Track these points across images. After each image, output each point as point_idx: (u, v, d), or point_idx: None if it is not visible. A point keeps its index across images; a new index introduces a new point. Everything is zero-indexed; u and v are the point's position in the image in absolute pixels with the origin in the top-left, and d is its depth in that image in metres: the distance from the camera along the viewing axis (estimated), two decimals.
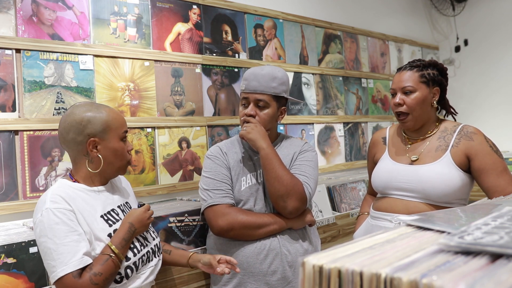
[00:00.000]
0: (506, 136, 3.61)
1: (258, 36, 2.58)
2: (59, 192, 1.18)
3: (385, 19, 3.59)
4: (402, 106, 1.57)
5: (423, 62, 1.59)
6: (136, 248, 1.25)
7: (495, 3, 3.79)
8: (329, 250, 0.52)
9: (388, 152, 1.68)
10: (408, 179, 1.53)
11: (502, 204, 0.76)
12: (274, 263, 1.50)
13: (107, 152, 1.25)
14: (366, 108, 3.28)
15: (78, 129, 1.22)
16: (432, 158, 1.53)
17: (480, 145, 1.49)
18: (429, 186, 1.48)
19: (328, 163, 2.92)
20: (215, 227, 1.50)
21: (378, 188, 1.65)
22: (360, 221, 1.78)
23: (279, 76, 1.56)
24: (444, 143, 1.55)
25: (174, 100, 2.16)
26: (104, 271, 1.12)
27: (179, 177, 2.15)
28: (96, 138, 1.23)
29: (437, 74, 1.58)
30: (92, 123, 1.22)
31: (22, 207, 1.66)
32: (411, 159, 1.57)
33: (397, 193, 1.57)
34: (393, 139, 1.70)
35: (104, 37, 1.95)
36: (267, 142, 1.51)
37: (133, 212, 1.27)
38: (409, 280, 0.41)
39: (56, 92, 1.78)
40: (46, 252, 1.12)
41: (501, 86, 3.75)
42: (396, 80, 1.60)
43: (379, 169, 1.66)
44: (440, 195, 1.47)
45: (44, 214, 1.13)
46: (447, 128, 1.59)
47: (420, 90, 1.55)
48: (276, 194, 1.48)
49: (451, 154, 1.51)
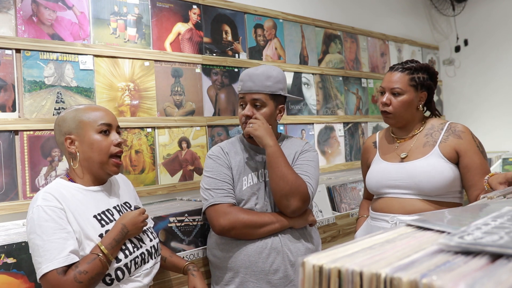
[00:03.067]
0: (506, 136, 3.61)
1: (258, 36, 2.58)
2: (51, 191, 1.20)
3: (385, 19, 3.59)
4: (388, 107, 1.60)
5: (415, 65, 1.61)
6: (128, 249, 1.25)
7: (495, 3, 3.79)
8: (329, 250, 0.52)
9: (379, 154, 1.71)
10: (400, 176, 1.57)
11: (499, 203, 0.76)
12: (276, 262, 1.50)
13: (84, 147, 1.26)
14: (366, 108, 3.28)
15: (57, 130, 1.28)
16: (421, 153, 1.57)
17: (469, 144, 1.53)
18: (421, 180, 1.51)
19: (328, 163, 2.92)
20: (216, 226, 1.50)
21: (372, 189, 1.68)
22: (360, 223, 1.80)
23: (274, 75, 1.56)
24: (432, 139, 1.58)
25: (174, 100, 2.16)
26: (90, 270, 1.12)
27: (179, 177, 2.15)
28: (72, 135, 1.26)
29: (427, 78, 1.61)
30: (66, 121, 1.27)
31: (22, 207, 1.66)
32: (400, 157, 1.61)
33: (391, 191, 1.60)
34: (382, 142, 1.75)
35: (104, 37, 1.95)
36: (273, 140, 1.51)
37: (127, 214, 1.27)
38: (409, 280, 0.41)
39: (56, 92, 1.78)
40: (34, 249, 1.13)
41: (501, 86, 3.75)
42: (387, 80, 1.63)
43: (371, 171, 1.69)
44: (433, 188, 1.50)
45: (34, 211, 1.15)
46: (434, 125, 1.63)
47: (408, 93, 1.58)
48: (280, 193, 1.48)
49: (439, 148, 1.54)
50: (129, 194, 1.44)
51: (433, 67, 1.65)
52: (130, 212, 1.29)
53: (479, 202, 0.94)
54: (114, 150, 1.29)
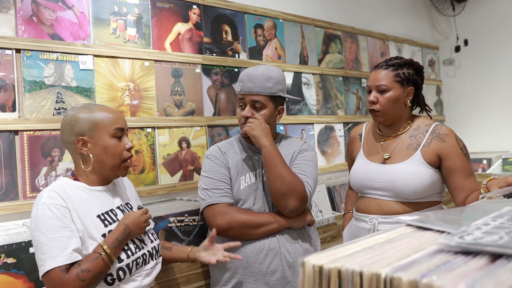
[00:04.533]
0: (506, 136, 3.61)
1: (258, 36, 2.58)
2: (56, 189, 1.20)
3: (385, 19, 3.59)
4: (376, 104, 1.60)
5: (399, 61, 1.61)
6: (130, 250, 1.25)
7: (495, 3, 3.79)
8: (329, 250, 0.52)
9: (363, 150, 1.72)
10: (380, 178, 1.58)
11: (499, 203, 0.76)
12: (273, 263, 1.50)
13: (97, 150, 1.26)
14: (366, 108, 3.28)
15: (69, 129, 1.26)
16: (403, 156, 1.58)
17: (452, 147, 1.53)
18: (399, 185, 1.53)
19: (328, 163, 2.92)
20: (214, 226, 1.49)
21: (355, 187, 1.71)
22: (347, 219, 1.82)
23: (274, 76, 1.56)
24: (416, 141, 1.58)
25: (174, 100, 2.16)
26: (92, 269, 1.13)
27: (179, 177, 2.15)
28: (85, 136, 1.25)
29: (412, 73, 1.61)
30: (80, 122, 1.25)
31: (22, 207, 1.66)
32: (383, 157, 1.62)
33: (371, 192, 1.62)
34: (368, 137, 1.74)
35: (104, 37, 1.95)
36: (270, 140, 1.51)
37: (130, 215, 1.27)
38: (409, 280, 0.41)
39: (56, 92, 1.78)
40: (37, 246, 1.14)
41: (501, 86, 3.75)
42: (372, 78, 1.63)
43: (355, 169, 1.71)
44: (410, 193, 1.52)
45: (39, 209, 1.15)
46: (420, 126, 1.62)
47: (394, 90, 1.58)
48: (277, 193, 1.48)
49: (421, 153, 1.55)
50: (131, 195, 1.44)
51: (417, 62, 1.65)
52: (133, 212, 1.29)
53: (479, 202, 0.94)
54: (126, 155, 1.31)
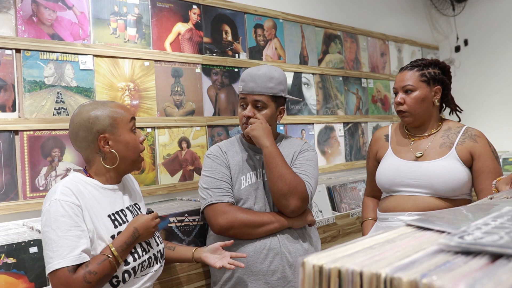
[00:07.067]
0: (506, 136, 3.61)
1: (258, 36, 2.58)
2: (70, 185, 1.18)
3: (385, 19, 3.59)
4: (403, 105, 1.59)
5: (424, 61, 1.61)
6: (137, 253, 1.24)
7: (495, 3, 3.79)
8: (329, 250, 0.52)
9: (392, 149, 1.68)
10: (415, 175, 1.55)
11: (500, 204, 0.76)
12: (274, 263, 1.50)
13: (119, 146, 1.25)
14: (366, 108, 3.28)
15: (87, 128, 1.22)
16: (437, 154, 1.56)
17: (483, 148, 1.54)
18: (438, 181, 1.51)
19: (328, 163, 2.92)
20: (214, 225, 1.50)
21: (384, 185, 1.65)
22: (367, 227, 1.76)
23: (276, 76, 1.56)
24: (449, 140, 1.58)
25: (174, 100, 2.16)
26: (99, 271, 1.12)
27: (179, 177, 2.15)
28: (106, 133, 1.23)
29: (438, 73, 1.60)
30: (100, 119, 1.22)
31: (22, 207, 1.66)
32: (415, 155, 1.59)
33: (404, 190, 1.58)
34: (395, 137, 1.72)
35: (104, 37, 1.95)
36: (270, 140, 1.51)
37: (140, 218, 1.26)
38: (409, 280, 0.41)
39: (56, 92, 1.78)
40: (46, 242, 1.12)
41: (501, 86, 3.75)
42: (398, 80, 1.63)
43: (384, 166, 1.66)
44: (448, 189, 1.50)
45: (52, 204, 1.14)
46: (451, 127, 1.62)
47: (420, 89, 1.58)
48: (278, 193, 1.48)
49: (456, 151, 1.54)
50: (137, 193, 1.43)
51: (443, 62, 1.65)
52: (143, 215, 1.27)
53: (479, 202, 0.94)
54: (142, 147, 1.31)
